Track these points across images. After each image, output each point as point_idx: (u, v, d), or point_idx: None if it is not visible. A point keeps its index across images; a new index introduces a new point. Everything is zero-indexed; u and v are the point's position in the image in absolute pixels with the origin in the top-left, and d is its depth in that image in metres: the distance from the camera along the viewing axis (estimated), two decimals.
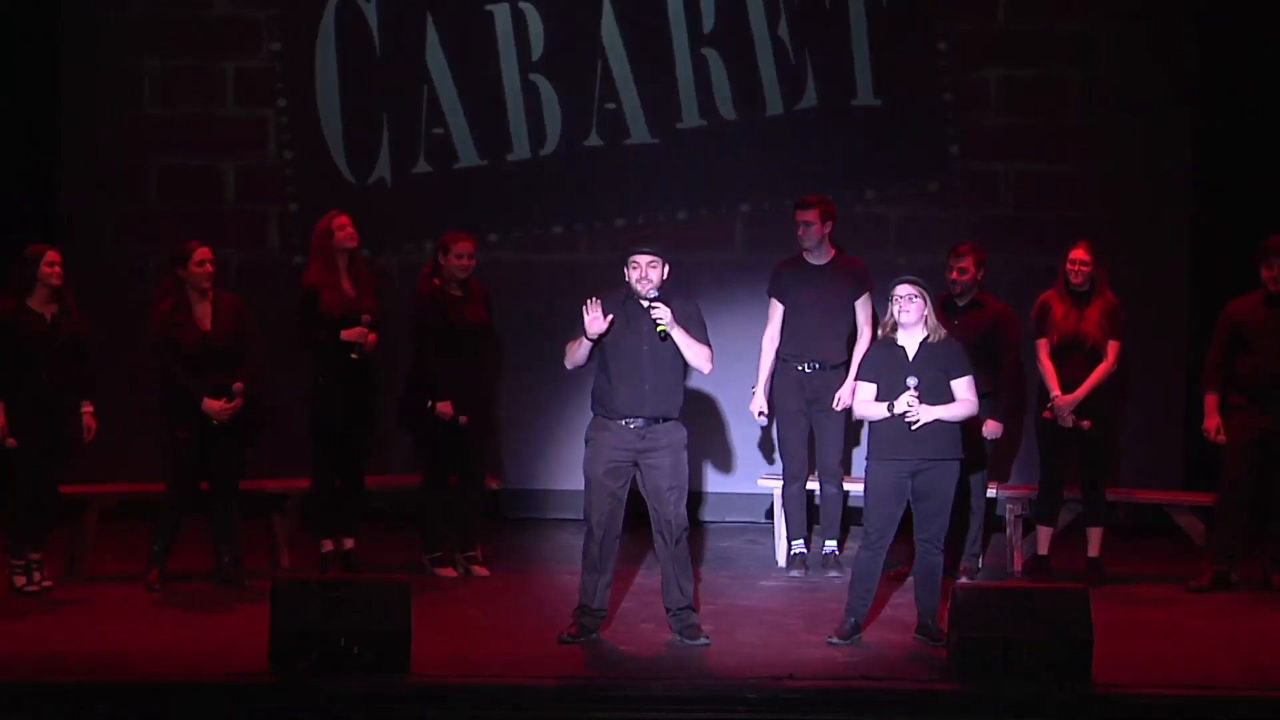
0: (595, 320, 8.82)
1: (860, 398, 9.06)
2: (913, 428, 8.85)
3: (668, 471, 8.95)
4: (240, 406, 10.02)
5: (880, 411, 8.93)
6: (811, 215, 10.70)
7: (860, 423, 9.52)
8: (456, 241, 10.47)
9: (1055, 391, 10.52)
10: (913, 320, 8.95)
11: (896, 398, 8.87)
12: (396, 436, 10.98)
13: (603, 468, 8.94)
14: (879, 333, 9.16)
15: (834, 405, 10.61)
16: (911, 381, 8.86)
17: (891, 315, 9.01)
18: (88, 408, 9.96)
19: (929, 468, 8.93)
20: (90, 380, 10.01)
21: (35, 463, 9.83)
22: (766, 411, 10.79)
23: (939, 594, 9.11)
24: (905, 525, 9.13)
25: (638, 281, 8.90)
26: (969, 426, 9.31)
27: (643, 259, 8.91)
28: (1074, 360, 10.52)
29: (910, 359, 8.98)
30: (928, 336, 8.99)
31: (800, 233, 10.74)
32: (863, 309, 10.74)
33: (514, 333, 12.08)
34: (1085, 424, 10.49)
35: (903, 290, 8.96)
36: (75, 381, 9.92)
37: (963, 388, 9.00)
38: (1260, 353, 10.34)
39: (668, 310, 8.88)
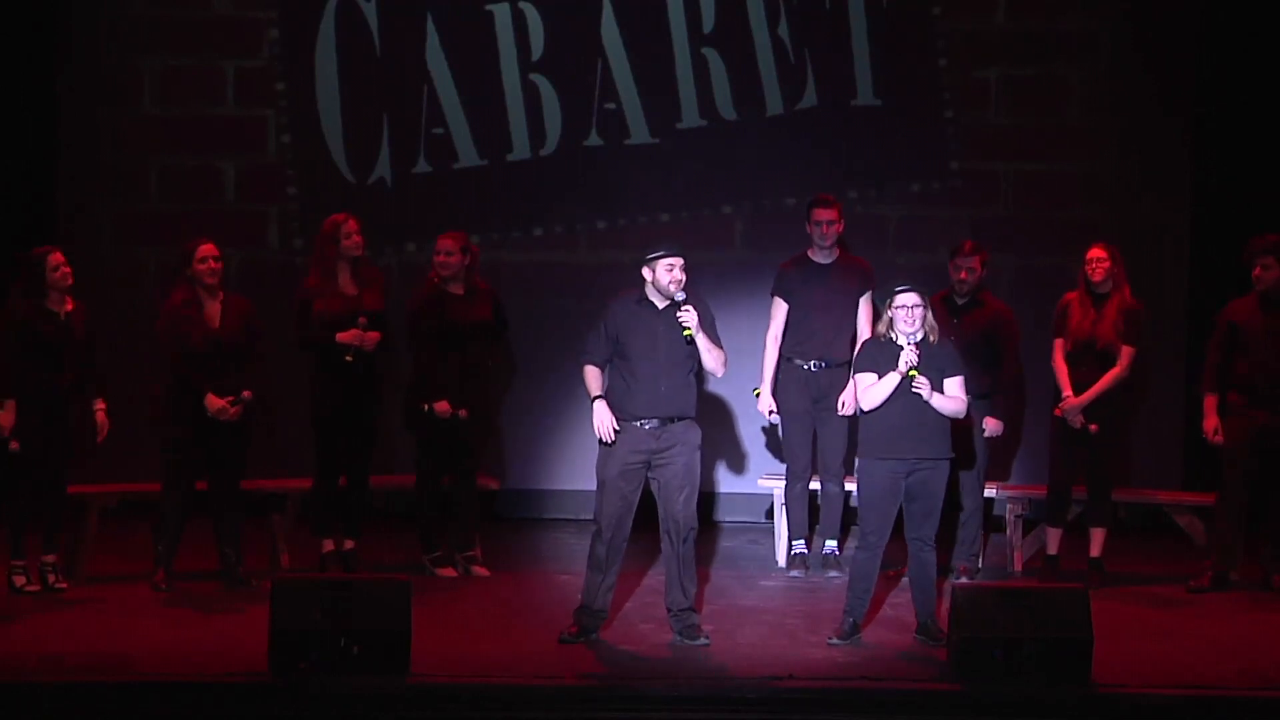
0: (607, 435, 8.89)
1: (863, 385, 9.05)
2: (913, 386, 8.84)
3: (680, 470, 8.96)
4: (240, 413, 10.01)
5: (885, 387, 8.91)
6: (834, 214, 10.68)
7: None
8: (440, 240, 10.51)
9: (1067, 392, 10.51)
10: (914, 330, 8.98)
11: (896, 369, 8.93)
12: (398, 436, 10.98)
13: (616, 469, 8.94)
14: (877, 330, 9.15)
15: (839, 410, 10.59)
16: (909, 346, 8.89)
17: (888, 319, 9.02)
18: (100, 405, 9.99)
19: (922, 467, 8.95)
20: (101, 378, 10.04)
21: (46, 464, 9.85)
22: (775, 409, 10.76)
23: (935, 591, 9.12)
24: (901, 525, 9.13)
25: (670, 283, 8.91)
26: (959, 427, 9.31)
27: (676, 261, 8.92)
28: (1086, 362, 10.51)
29: None
30: (925, 338, 9.01)
31: (824, 230, 10.68)
32: (864, 308, 10.72)
33: (514, 333, 12.07)
34: (1093, 428, 10.48)
35: (908, 300, 8.96)
36: (88, 381, 9.96)
37: (955, 387, 9.04)
38: (1257, 353, 10.34)
39: (695, 315, 8.89)
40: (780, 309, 10.79)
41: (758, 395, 10.79)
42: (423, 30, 12.57)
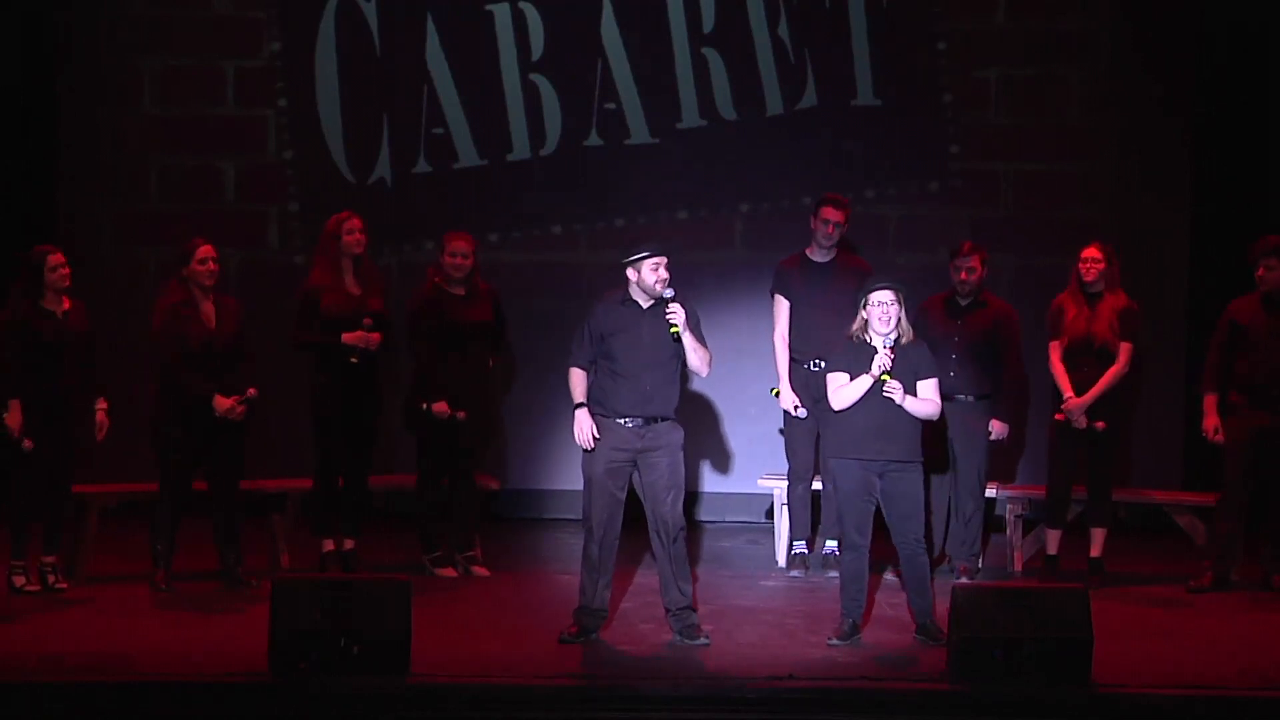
0: (586, 442, 8.92)
1: (835, 385, 9.05)
2: (884, 391, 8.84)
3: (665, 471, 8.97)
4: (245, 412, 10.01)
5: (856, 390, 8.92)
6: (843, 216, 10.65)
7: None
8: (451, 240, 10.50)
9: (1068, 394, 10.49)
10: (888, 329, 8.97)
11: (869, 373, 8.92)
12: (398, 436, 10.98)
13: (602, 467, 8.95)
14: (852, 329, 9.13)
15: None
16: (883, 350, 8.88)
17: (863, 319, 9.02)
18: (101, 404, 9.99)
19: (892, 470, 8.95)
20: (101, 382, 10.06)
21: (47, 464, 9.85)
22: (799, 403, 10.71)
23: (930, 592, 9.12)
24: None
25: (656, 283, 8.92)
26: (930, 429, 9.32)
27: (661, 261, 8.93)
28: (1085, 362, 10.50)
29: None
30: (899, 338, 9.01)
31: (829, 230, 10.63)
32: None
33: (514, 333, 12.08)
34: (1099, 425, 10.46)
35: (884, 298, 8.96)
36: (88, 380, 9.96)
37: (929, 389, 9.04)
38: (1258, 352, 10.34)
39: (683, 312, 8.90)
40: (783, 306, 10.75)
41: (776, 395, 10.75)
42: (423, 30, 12.57)
